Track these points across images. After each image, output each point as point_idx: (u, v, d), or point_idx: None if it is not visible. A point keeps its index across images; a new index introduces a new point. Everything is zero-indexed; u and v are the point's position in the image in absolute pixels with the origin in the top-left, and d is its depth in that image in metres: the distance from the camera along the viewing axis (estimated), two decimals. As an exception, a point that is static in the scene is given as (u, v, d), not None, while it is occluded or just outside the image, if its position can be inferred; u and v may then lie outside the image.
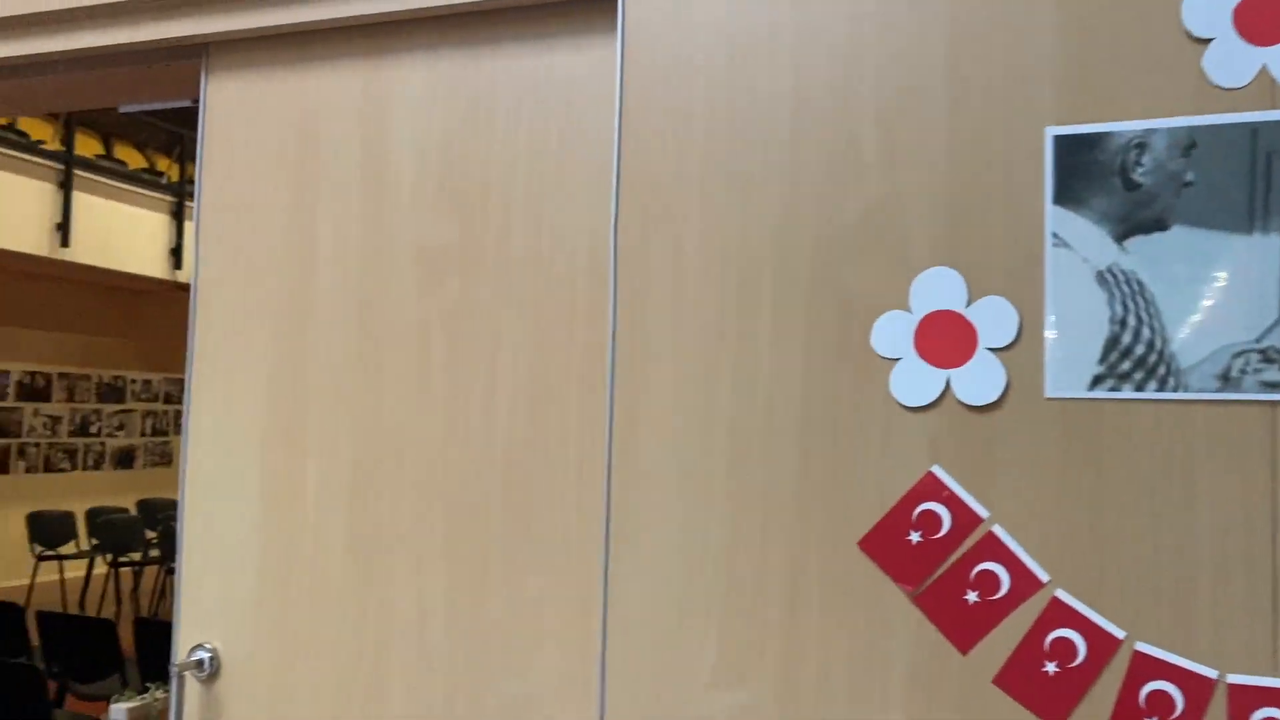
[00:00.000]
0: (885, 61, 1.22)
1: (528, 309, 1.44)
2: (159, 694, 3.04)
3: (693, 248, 1.29)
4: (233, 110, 1.62)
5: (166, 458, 11.15)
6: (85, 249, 8.18)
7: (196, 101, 2.07)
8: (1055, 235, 1.15)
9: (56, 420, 9.92)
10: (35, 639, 4.40)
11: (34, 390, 9.73)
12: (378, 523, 1.49)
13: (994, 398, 1.16)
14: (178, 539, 1.61)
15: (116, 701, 2.96)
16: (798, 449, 1.23)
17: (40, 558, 8.32)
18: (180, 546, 1.61)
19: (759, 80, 1.27)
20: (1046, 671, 1.11)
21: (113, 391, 10.55)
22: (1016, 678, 1.12)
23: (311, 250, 1.56)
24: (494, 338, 1.45)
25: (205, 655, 1.56)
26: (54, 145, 8.07)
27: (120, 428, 10.60)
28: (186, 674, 1.55)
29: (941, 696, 1.15)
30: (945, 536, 1.16)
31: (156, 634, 4.13)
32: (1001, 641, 1.14)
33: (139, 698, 2.98)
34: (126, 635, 4.21)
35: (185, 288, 9.36)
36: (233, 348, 1.60)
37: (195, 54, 1.66)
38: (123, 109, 2.13)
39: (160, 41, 1.64)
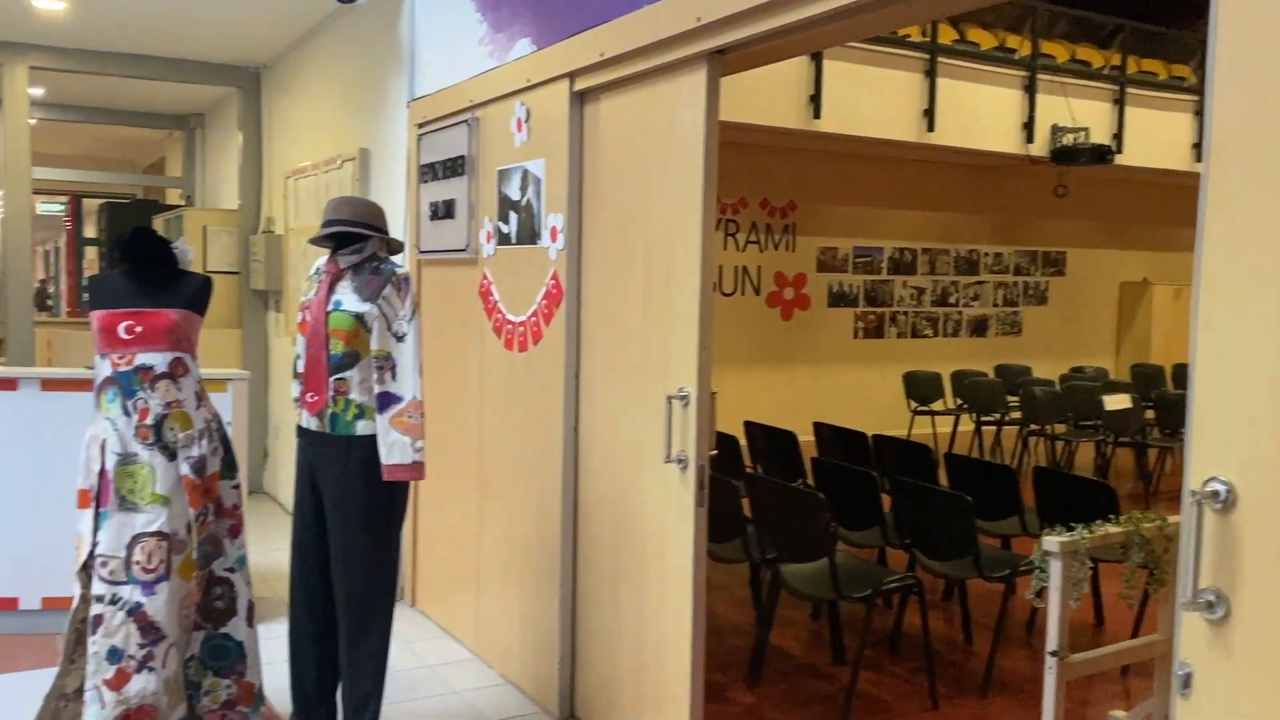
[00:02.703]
0: None
1: None
2: (1085, 533, 3.29)
3: None
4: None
5: (1016, 327, 11.65)
6: (947, 131, 8.79)
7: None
8: None
9: (920, 291, 11.01)
10: (944, 479, 5.06)
11: (902, 265, 10.91)
12: None
13: None
14: (1189, 379, 1.72)
15: (1048, 535, 3.28)
16: None
17: (915, 412, 9.46)
18: (1191, 386, 1.71)
19: None
20: None
21: (968, 265, 11.32)
22: None
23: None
24: None
25: (1220, 487, 1.65)
26: (918, 37, 8.77)
27: (975, 298, 11.35)
28: (1203, 503, 1.67)
29: None
30: None
31: (1052, 482, 4.44)
32: None
33: (1068, 534, 3.26)
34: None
35: (1038, 161, 9.53)
36: (1249, 207, 1.62)
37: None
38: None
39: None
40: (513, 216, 3.94)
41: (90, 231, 13.66)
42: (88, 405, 4.37)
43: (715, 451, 3.13)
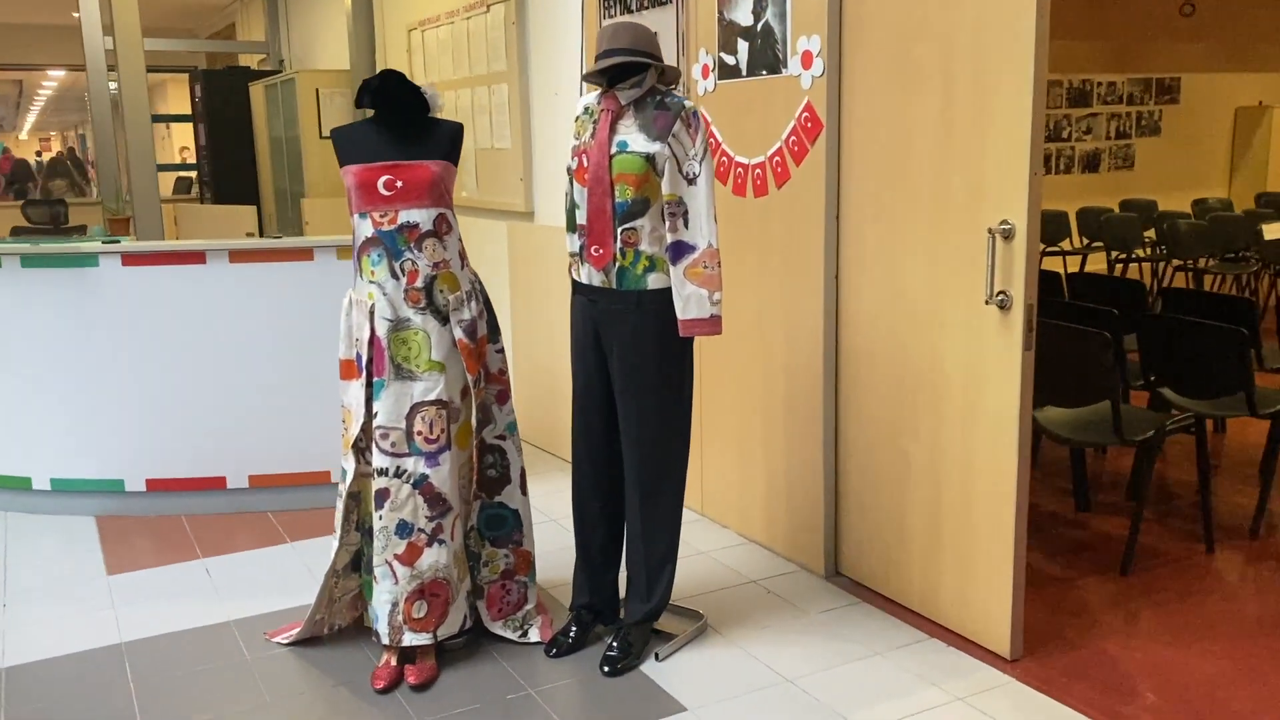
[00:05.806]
0: None
1: None
2: None
3: None
4: None
5: (1129, 161, 11.12)
6: (1074, -51, 8.14)
7: None
8: None
9: (1033, 127, 10.45)
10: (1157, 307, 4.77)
11: (1014, 99, 10.31)
12: None
13: None
14: None
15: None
16: None
17: (1044, 253, 9.10)
18: None
19: None
20: None
21: (1079, 96, 10.72)
22: None
23: None
24: None
25: None
26: None
27: (1087, 132, 10.80)
28: None
29: None
30: None
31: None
32: None
33: None
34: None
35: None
36: None
37: None
38: None
39: None
40: (742, 45, 3.58)
41: (163, 109, 13.28)
42: (277, 276, 4.18)
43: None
